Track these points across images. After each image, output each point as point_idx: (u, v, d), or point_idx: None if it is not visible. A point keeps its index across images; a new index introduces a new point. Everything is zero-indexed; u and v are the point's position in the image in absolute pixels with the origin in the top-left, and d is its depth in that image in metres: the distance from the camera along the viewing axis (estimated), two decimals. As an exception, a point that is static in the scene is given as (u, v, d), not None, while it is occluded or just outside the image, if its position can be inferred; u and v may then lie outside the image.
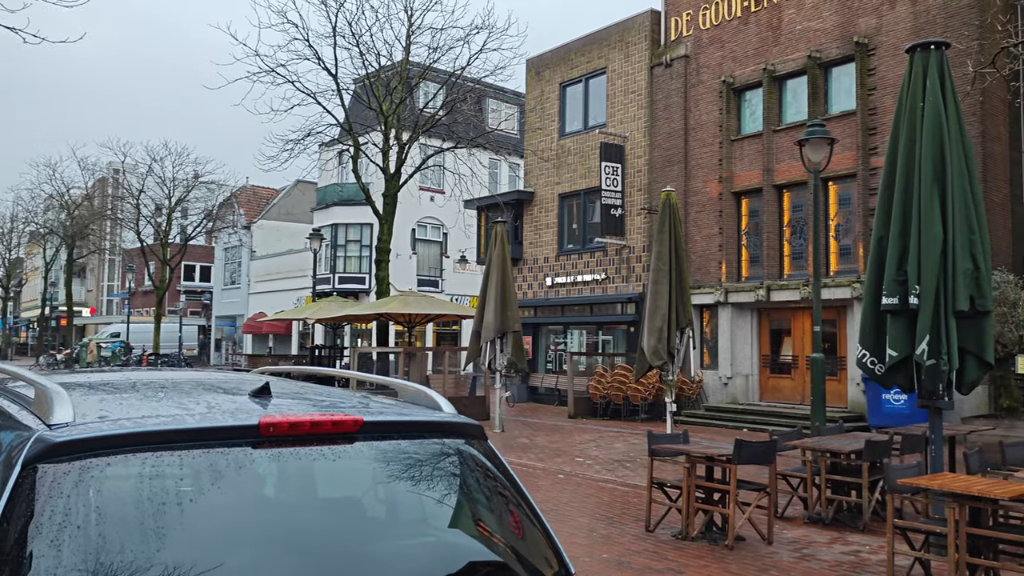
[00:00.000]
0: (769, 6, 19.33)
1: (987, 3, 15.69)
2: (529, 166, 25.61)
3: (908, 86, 7.05)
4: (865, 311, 7.06)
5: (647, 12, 22.26)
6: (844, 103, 18.03)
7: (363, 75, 22.32)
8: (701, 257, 20.25)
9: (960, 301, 6.44)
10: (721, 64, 20.29)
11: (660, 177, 21.10)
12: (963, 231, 6.56)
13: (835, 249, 18.05)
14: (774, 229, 18.89)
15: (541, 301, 24.44)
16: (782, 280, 18.61)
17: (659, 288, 12.22)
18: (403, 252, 33.99)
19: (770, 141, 19.01)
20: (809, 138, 11.67)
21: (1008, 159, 16.53)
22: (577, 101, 24.25)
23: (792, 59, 18.74)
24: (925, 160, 6.73)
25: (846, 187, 17.84)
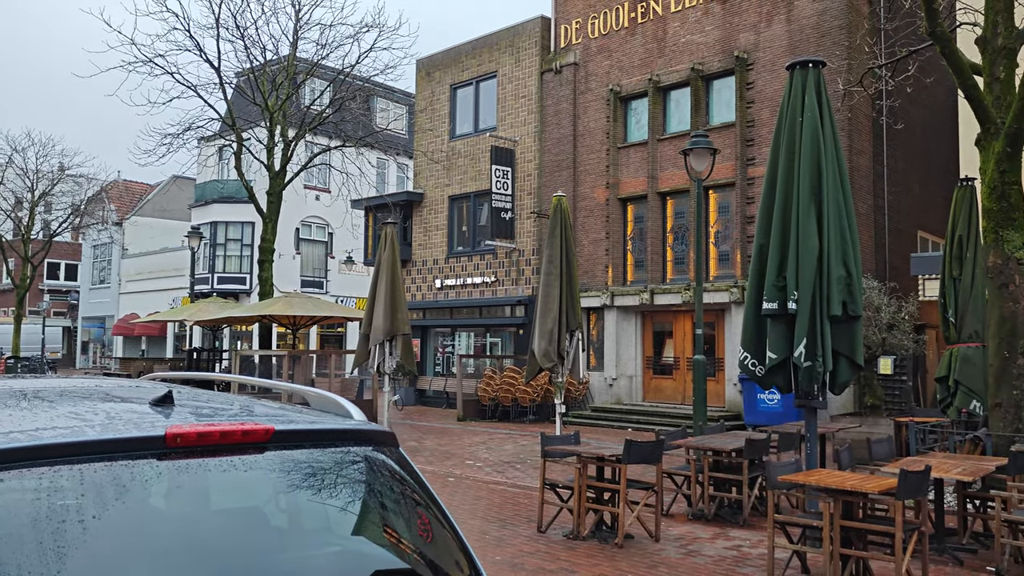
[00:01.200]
0: (655, 18, 19.93)
1: (855, 26, 16.71)
2: (419, 167, 25.45)
3: (788, 101, 7.40)
4: (747, 315, 7.37)
5: (538, 18, 22.54)
6: (725, 115, 18.79)
7: (248, 69, 21.59)
8: (588, 261, 20.65)
9: (834, 306, 6.81)
10: (609, 73, 20.77)
11: (550, 181, 21.40)
12: (837, 241, 6.95)
13: (715, 255, 18.78)
14: (658, 235, 19.48)
15: (430, 303, 24.32)
16: (665, 284, 19.21)
17: (550, 291, 12.35)
18: (287, 252, 33.11)
19: (655, 149, 19.59)
20: (693, 148, 12.10)
21: (872, 172, 17.64)
22: (468, 104, 24.28)
23: (676, 71, 19.38)
24: (803, 173, 7.08)
25: (725, 196, 18.59)
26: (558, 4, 22.15)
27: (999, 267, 8.71)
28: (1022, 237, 8.71)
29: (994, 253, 8.77)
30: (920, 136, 19.41)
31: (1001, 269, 8.70)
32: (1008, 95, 8.96)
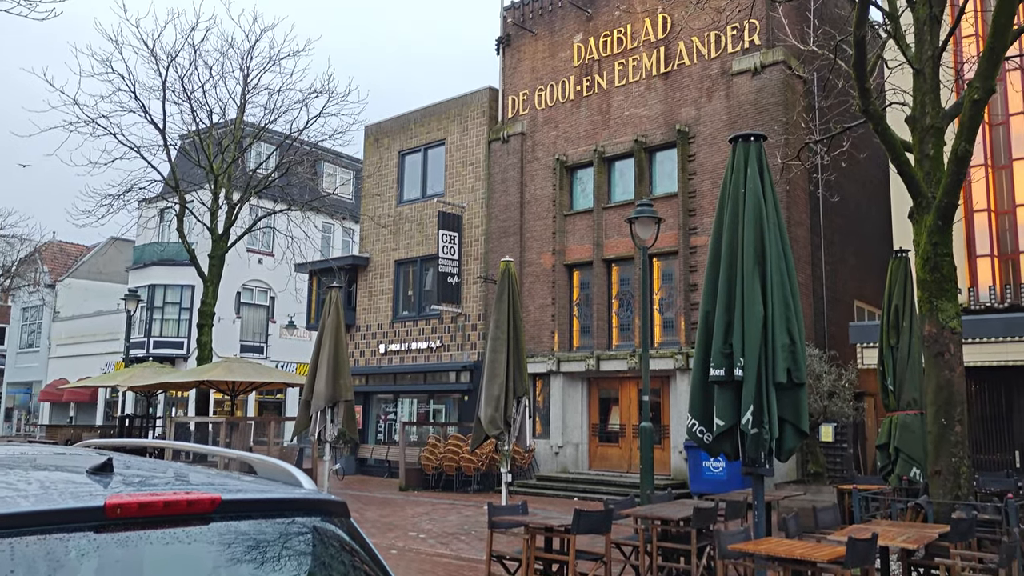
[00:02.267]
0: (600, 92, 20.49)
1: (791, 103, 17.41)
2: (365, 231, 25.37)
3: (731, 173, 7.58)
4: (694, 381, 7.38)
5: (486, 89, 22.97)
6: (667, 185, 19.23)
7: (193, 131, 21.45)
8: (535, 326, 20.66)
9: (779, 373, 6.86)
10: (555, 143, 21.18)
11: (497, 247, 21.51)
12: (781, 308, 7.05)
13: (659, 322, 18.98)
14: (603, 301, 19.65)
15: (374, 369, 23.96)
16: (611, 350, 19.29)
17: (497, 357, 12.27)
18: (227, 316, 32.42)
19: (600, 217, 19.90)
20: (639, 216, 12.31)
21: (810, 243, 18.16)
22: (416, 170, 24.44)
23: (620, 142, 19.86)
24: (747, 241, 7.21)
25: (669, 263, 18.90)
26: (506, 76, 22.65)
27: (934, 336, 8.95)
28: (955, 307, 8.99)
29: (929, 322, 9.02)
30: (855, 209, 20.12)
31: (936, 338, 8.94)
32: (937, 171, 9.35)
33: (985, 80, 8.52)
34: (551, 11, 21.83)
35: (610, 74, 20.30)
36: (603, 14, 20.66)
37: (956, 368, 8.82)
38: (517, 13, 22.57)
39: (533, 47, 22.13)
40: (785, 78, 17.43)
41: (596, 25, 20.78)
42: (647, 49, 19.68)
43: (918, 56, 9.80)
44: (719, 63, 18.48)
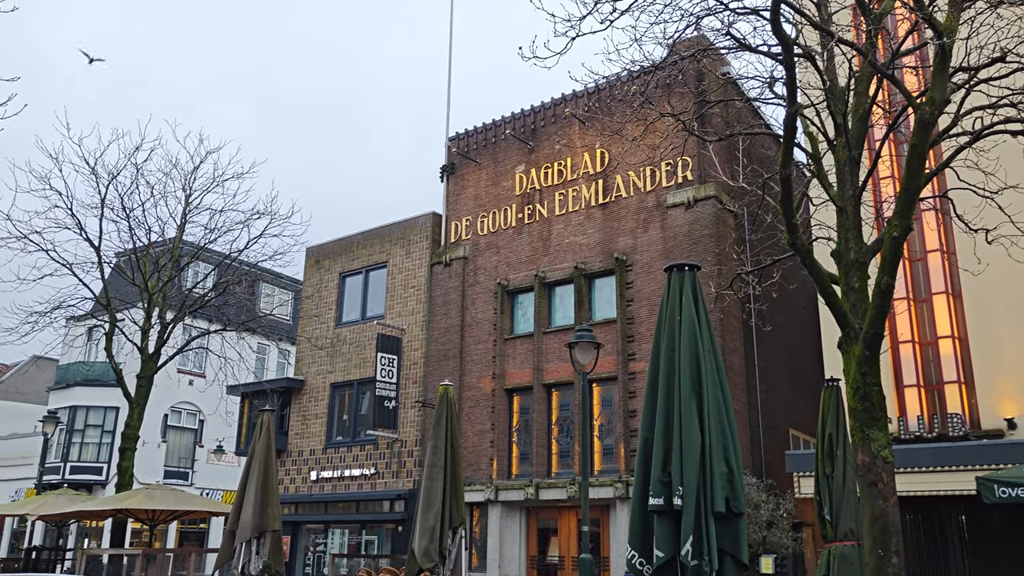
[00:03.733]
0: (541, 220, 21.01)
1: (723, 235, 18.08)
2: (301, 353, 24.95)
3: (667, 301, 7.72)
4: (634, 511, 7.23)
5: (429, 214, 23.37)
6: (606, 311, 19.51)
7: (130, 249, 21.15)
8: (473, 453, 20.25)
9: (718, 502, 6.77)
10: (497, 267, 21.47)
11: (436, 371, 21.31)
12: (718, 436, 7.04)
13: (599, 449, 18.80)
14: (543, 427, 19.45)
15: (304, 497, 23.01)
16: (550, 478, 18.94)
17: (433, 485, 11.91)
18: (152, 439, 31.06)
19: (540, 342, 19.99)
20: (578, 341, 12.38)
21: (744, 371, 18.44)
22: (356, 291, 24.39)
23: (561, 268, 20.23)
24: (683, 369, 7.27)
25: (608, 389, 18.93)
26: (449, 202, 23.12)
27: (868, 465, 9.02)
28: (886, 436, 9.12)
29: (862, 452, 9.11)
30: (786, 338, 20.62)
31: (870, 467, 9.01)
32: (863, 303, 9.69)
33: (902, 219, 8.99)
34: (495, 143, 22.60)
35: (551, 203, 20.90)
36: (544, 147, 21.47)
37: (890, 498, 8.86)
38: (462, 143, 23.30)
39: (477, 175, 22.75)
40: (717, 212, 18.17)
41: (538, 157, 21.55)
42: (586, 181, 20.41)
43: (840, 195, 10.34)
44: (655, 196, 19.21)
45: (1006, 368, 14.39)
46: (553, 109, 21.56)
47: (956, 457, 13.77)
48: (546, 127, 21.63)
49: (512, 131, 21.96)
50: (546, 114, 21.72)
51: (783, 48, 8.60)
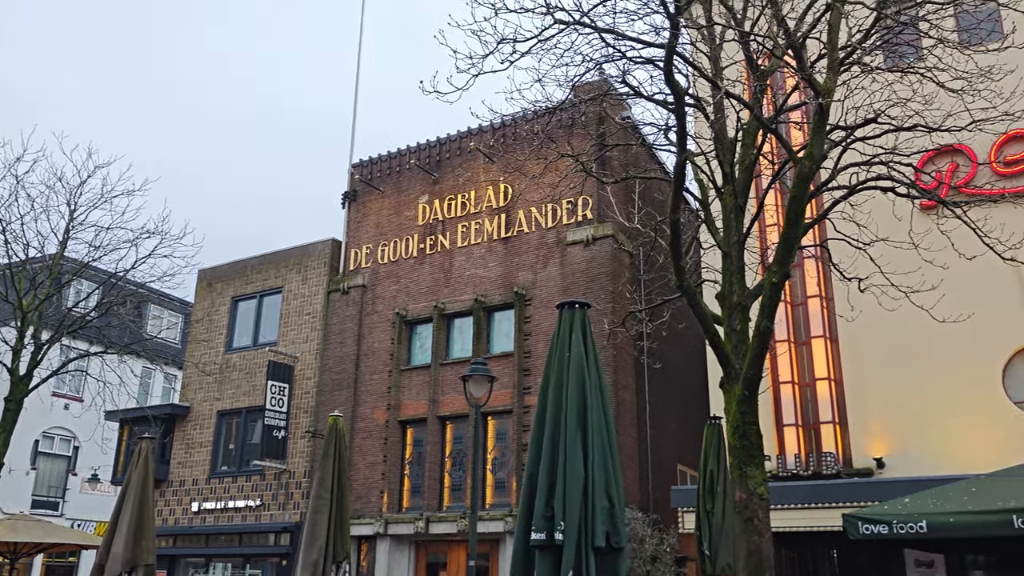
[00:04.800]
0: (442, 251, 21.04)
1: (619, 274, 18.53)
2: (188, 379, 24.04)
3: (557, 337, 7.86)
4: (516, 546, 7.26)
5: (329, 240, 23.06)
6: (504, 344, 19.62)
7: (4, 265, 19.98)
8: (364, 485, 19.89)
9: (598, 537, 6.89)
10: (396, 297, 21.32)
11: (329, 400, 20.90)
12: (601, 471, 7.17)
13: (491, 482, 18.78)
14: (436, 460, 19.30)
15: (184, 529, 22.04)
16: (441, 512, 18.77)
17: (318, 517, 11.62)
18: (20, 466, 29.17)
19: (437, 374, 19.90)
20: (472, 374, 12.41)
21: (635, 407, 18.85)
22: (249, 317, 23.74)
23: (460, 300, 20.26)
24: (570, 405, 7.39)
25: (503, 422, 18.98)
26: (350, 230, 22.89)
27: (745, 501, 9.34)
28: (763, 474, 9.47)
29: (740, 488, 9.43)
30: (676, 375, 21.21)
31: (747, 504, 9.33)
32: (744, 345, 10.09)
33: (781, 265, 9.45)
34: (399, 172, 22.57)
35: (453, 235, 20.97)
36: (449, 179, 21.57)
37: (765, 534, 9.18)
38: (365, 171, 23.17)
39: (379, 204, 22.63)
40: (614, 251, 18.63)
41: (442, 189, 21.62)
42: (489, 215, 20.59)
43: (726, 240, 10.78)
44: (555, 232, 19.55)
45: (876, 410, 15.21)
46: (459, 142, 21.73)
47: (829, 494, 14.39)
48: (451, 159, 21.76)
49: (417, 161, 22.00)
50: (451, 146, 21.87)
51: (675, 98, 8.98)
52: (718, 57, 11.06)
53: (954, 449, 13.96)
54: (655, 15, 10.04)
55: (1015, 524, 8.66)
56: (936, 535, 9.45)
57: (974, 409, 14.19)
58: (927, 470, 13.65)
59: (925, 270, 11.98)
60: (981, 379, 14.32)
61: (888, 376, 15.09)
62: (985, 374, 14.34)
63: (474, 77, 9.02)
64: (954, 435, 14.18)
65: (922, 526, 9.32)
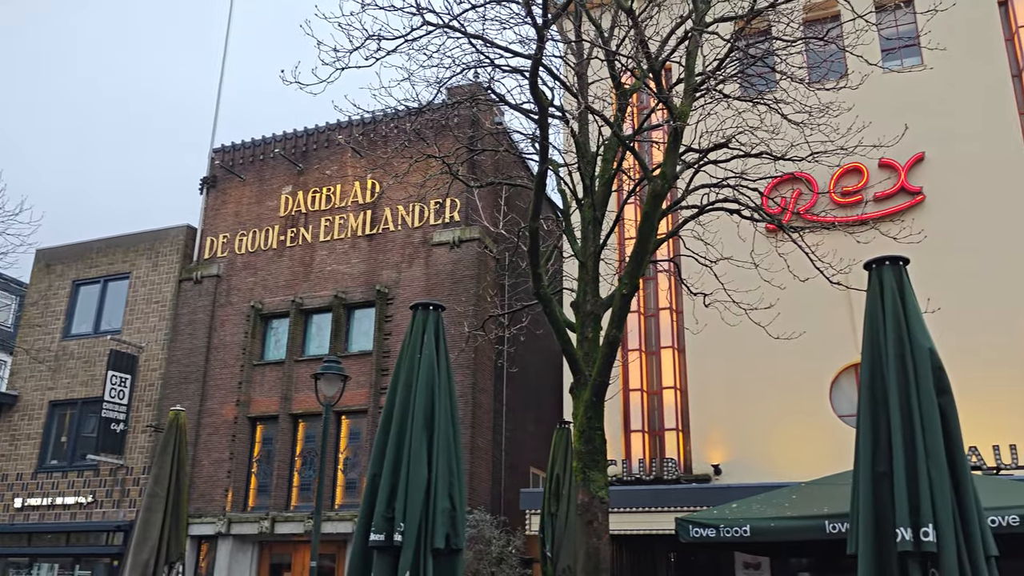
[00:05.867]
0: (303, 245, 20.54)
1: (482, 277, 18.68)
2: (18, 366, 22.36)
3: (409, 338, 7.84)
4: (355, 547, 7.18)
5: (183, 227, 22.05)
6: (363, 343, 19.37)
7: None
8: (207, 483, 19.13)
9: (438, 539, 6.92)
10: (252, 289, 20.63)
11: (174, 394, 19.95)
12: (444, 473, 7.21)
13: (342, 482, 18.49)
14: (286, 458, 18.81)
15: (5, 527, 20.47)
16: (288, 512, 18.31)
17: (151, 516, 11.09)
18: None
19: (291, 370, 19.40)
20: (324, 372, 12.19)
21: (492, 410, 19.05)
22: (91, 302, 22.34)
23: (320, 296, 19.85)
24: (418, 406, 7.39)
25: (357, 422, 18.73)
26: (207, 216, 21.98)
27: (586, 504, 9.63)
28: (605, 478, 9.80)
29: (582, 491, 9.72)
30: (534, 380, 21.58)
31: (588, 506, 9.62)
32: (594, 352, 10.40)
33: (632, 278, 9.82)
34: (262, 160, 21.88)
35: (316, 228, 20.52)
36: (314, 171, 21.10)
37: (603, 536, 9.50)
38: (227, 157, 22.31)
39: (240, 192, 21.85)
40: (479, 254, 18.77)
41: (307, 180, 21.12)
42: (355, 210, 20.28)
43: (583, 250, 11.10)
44: (422, 232, 19.49)
45: (716, 419, 16.03)
46: (327, 133, 21.29)
47: (669, 499, 15.03)
48: (318, 151, 21.30)
49: (282, 150, 21.40)
50: (319, 138, 21.41)
51: (539, 108, 9.16)
52: (585, 72, 11.37)
53: (784, 458, 14.90)
54: (525, 26, 10.21)
55: (827, 529, 9.36)
56: (759, 539, 10.07)
57: (804, 421, 15.20)
58: (759, 477, 14.50)
59: (764, 289, 12.73)
60: (811, 393, 15.37)
61: (728, 387, 15.95)
62: (815, 389, 15.40)
63: (339, 71, 8.88)
64: (785, 445, 15.13)
65: (746, 530, 9.90)
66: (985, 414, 13.62)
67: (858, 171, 15.97)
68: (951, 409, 5.38)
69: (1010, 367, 14.19)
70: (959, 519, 5.19)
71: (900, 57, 16.97)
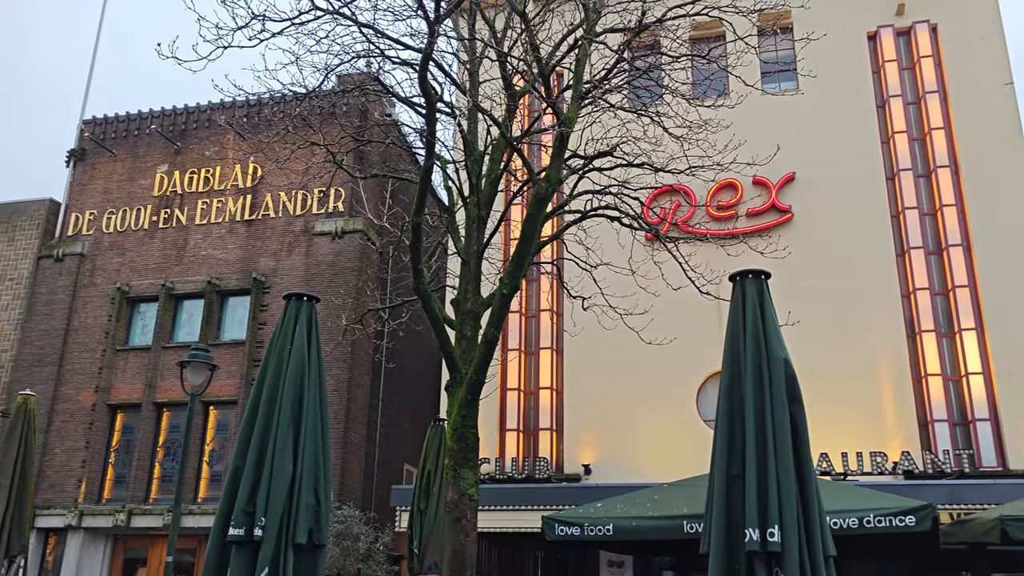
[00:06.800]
0: (177, 226, 19.68)
1: (363, 270, 18.41)
2: None
3: (281, 329, 7.62)
4: (212, 542, 6.94)
5: (46, 201, 20.74)
6: (236, 332, 18.74)
7: None
8: (59, 472, 18.05)
9: (300, 534, 6.77)
10: (119, 271, 19.61)
11: (27, 377, 18.71)
12: (311, 468, 7.06)
13: (207, 475, 17.83)
14: (147, 449, 17.98)
15: None
16: (147, 504, 17.52)
17: (-9, 507, 10.36)
18: None
19: (158, 357, 18.57)
20: (191, 360, 11.72)
21: (368, 405, 18.80)
22: (-65, 276, 20.69)
23: (192, 281, 19.07)
24: (286, 399, 7.21)
25: (227, 413, 18.11)
26: (73, 191, 20.73)
27: (456, 502, 9.64)
28: (475, 476, 9.84)
29: (452, 489, 9.72)
30: (415, 377, 21.45)
31: (457, 504, 9.64)
32: (472, 351, 10.42)
33: (513, 278, 9.90)
34: (136, 135, 20.83)
35: (192, 211, 19.70)
36: (193, 151, 20.25)
37: (471, 533, 9.54)
38: (98, 129, 21.11)
39: (111, 167, 20.72)
40: (362, 246, 18.49)
41: (184, 160, 20.25)
42: (234, 194, 19.60)
43: (467, 248, 11.10)
44: (303, 221, 19.03)
45: (589, 420, 16.38)
46: (208, 113, 20.48)
47: (540, 498, 15.25)
48: (198, 130, 20.46)
49: (159, 127, 20.43)
50: (200, 117, 20.57)
51: (427, 103, 9.11)
52: (476, 71, 11.38)
53: (652, 459, 15.37)
54: (419, 19, 10.13)
55: (684, 528, 9.72)
56: (621, 537, 10.36)
57: (671, 424, 15.73)
58: (627, 478, 14.90)
59: (640, 296, 13.11)
60: (679, 398, 15.93)
61: (602, 389, 16.33)
62: (682, 393, 15.97)
63: (222, 49, 8.55)
64: (653, 447, 15.62)
65: (609, 529, 10.17)
66: (836, 423, 14.53)
67: (733, 187, 16.68)
68: (801, 417, 5.69)
69: (859, 380, 15.16)
70: (803, 521, 5.48)
71: (778, 80, 17.84)
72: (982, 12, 16.79)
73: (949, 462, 14.21)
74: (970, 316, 15.21)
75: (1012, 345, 14.80)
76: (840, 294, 15.62)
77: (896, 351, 15.37)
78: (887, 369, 15.30)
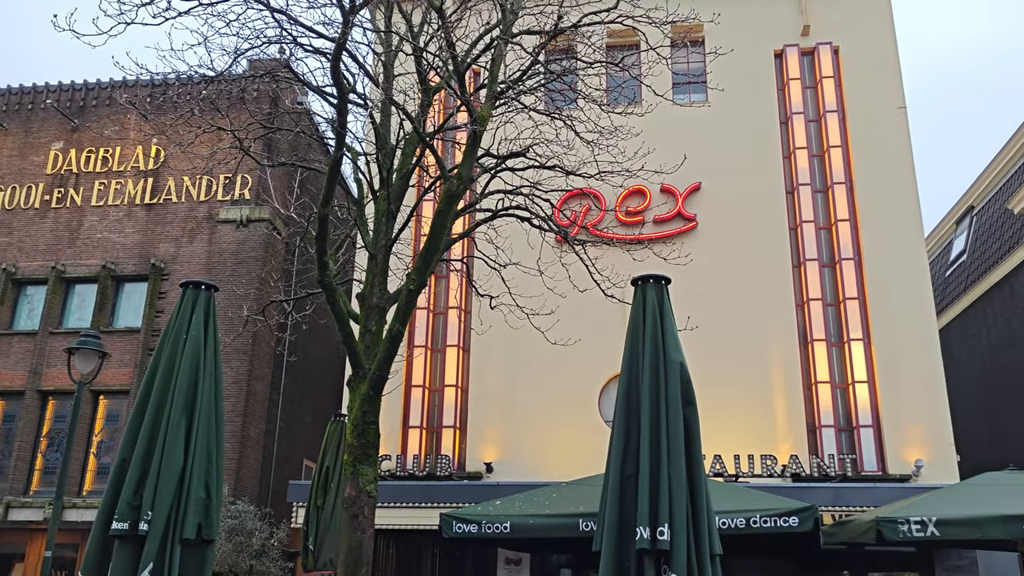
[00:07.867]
0: (72, 207, 18.80)
1: (267, 260, 17.99)
2: None
3: (176, 317, 7.38)
4: (94, 536, 6.67)
5: (-75, 173, 19.46)
6: (131, 320, 18.04)
7: None
8: (-71, 463, 16.99)
9: (188, 529, 6.58)
10: (6, 251, 18.60)
11: None
12: (202, 462, 6.86)
13: (93, 467, 17.10)
14: (29, 439, 17.12)
15: None
16: (27, 497, 16.66)
17: None
18: None
19: (44, 343, 17.69)
20: (80, 347, 11.22)
21: (268, 398, 18.38)
22: None
23: (86, 265, 18.25)
24: (179, 390, 6.99)
25: (118, 404, 17.41)
26: (-44, 164, 19.53)
27: (353, 498, 9.53)
28: (374, 472, 9.75)
29: (351, 485, 9.60)
30: (318, 371, 21.10)
31: (355, 500, 9.52)
32: (376, 346, 10.33)
33: (420, 274, 9.85)
34: (31, 109, 19.78)
35: (88, 191, 18.84)
36: (91, 129, 19.37)
37: (367, 530, 9.44)
38: (-13, 101, 19.95)
39: (0, 141, 19.59)
40: (267, 236, 18.07)
41: (81, 138, 19.34)
42: (134, 176, 18.84)
43: (374, 243, 10.98)
44: (207, 207, 18.46)
45: (493, 418, 16.45)
46: (109, 91, 19.62)
47: (441, 495, 15.24)
48: (98, 108, 19.58)
49: (55, 102, 19.45)
50: (100, 94, 19.69)
51: (338, 93, 8.97)
52: (391, 64, 11.27)
53: (553, 458, 15.56)
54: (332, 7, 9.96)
55: (580, 527, 9.88)
56: (519, 535, 10.44)
57: (573, 424, 15.95)
58: (528, 476, 15.04)
59: (547, 296, 13.25)
60: (581, 398, 16.17)
61: (507, 388, 16.43)
62: (585, 394, 16.22)
63: (124, 25, 8.20)
64: (555, 446, 15.81)
65: (507, 527, 10.25)
66: (730, 427, 15.04)
67: (642, 193, 17.04)
68: (694, 419, 5.86)
69: (754, 385, 15.74)
70: (692, 520, 5.65)
71: (688, 92, 18.32)
72: (880, 38, 17.66)
73: (834, 466, 14.90)
74: (859, 327, 15.98)
75: (895, 356, 15.64)
76: (738, 302, 16.15)
77: (789, 358, 16.01)
78: (780, 375, 15.92)
